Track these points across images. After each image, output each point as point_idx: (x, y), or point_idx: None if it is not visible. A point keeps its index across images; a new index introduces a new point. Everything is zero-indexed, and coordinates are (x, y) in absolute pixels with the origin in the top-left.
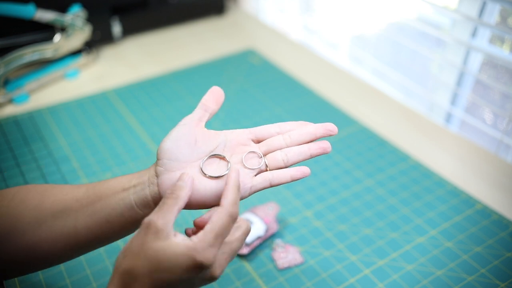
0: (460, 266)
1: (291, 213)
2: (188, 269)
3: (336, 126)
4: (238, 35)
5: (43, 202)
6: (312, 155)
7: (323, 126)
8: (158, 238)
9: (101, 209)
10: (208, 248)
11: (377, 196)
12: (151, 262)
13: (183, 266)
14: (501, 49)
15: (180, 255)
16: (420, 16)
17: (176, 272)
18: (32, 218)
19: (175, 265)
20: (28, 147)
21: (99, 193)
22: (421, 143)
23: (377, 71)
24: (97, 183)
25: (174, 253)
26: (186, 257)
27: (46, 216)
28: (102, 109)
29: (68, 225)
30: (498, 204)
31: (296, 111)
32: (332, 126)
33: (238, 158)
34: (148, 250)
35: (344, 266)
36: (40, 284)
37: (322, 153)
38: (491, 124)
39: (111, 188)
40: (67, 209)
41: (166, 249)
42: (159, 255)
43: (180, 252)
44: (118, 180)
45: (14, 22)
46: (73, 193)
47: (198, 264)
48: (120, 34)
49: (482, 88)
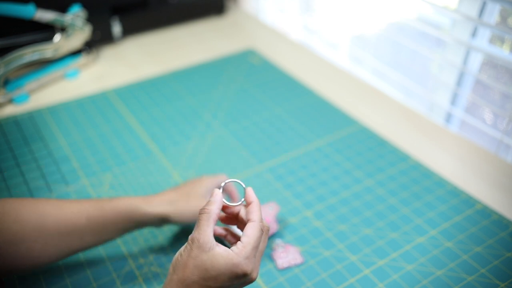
0: (460, 266)
1: (291, 213)
2: (231, 278)
3: None
4: (238, 35)
5: (45, 221)
6: None
7: None
8: (203, 250)
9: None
10: (247, 259)
11: (377, 196)
12: (200, 271)
13: (227, 275)
14: (501, 49)
15: (224, 265)
16: (420, 16)
17: (221, 279)
18: (34, 237)
19: (220, 274)
20: (28, 147)
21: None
22: (421, 143)
23: (377, 71)
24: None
25: (219, 263)
26: (230, 268)
27: (52, 236)
28: (102, 109)
29: (74, 243)
30: (498, 204)
31: (296, 111)
32: None
33: None
34: (196, 261)
35: (344, 266)
36: (40, 284)
37: None
38: (491, 124)
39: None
40: (75, 230)
41: (212, 260)
42: (207, 265)
43: (224, 263)
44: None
45: (14, 22)
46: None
47: (240, 274)
48: (120, 34)
49: (482, 88)
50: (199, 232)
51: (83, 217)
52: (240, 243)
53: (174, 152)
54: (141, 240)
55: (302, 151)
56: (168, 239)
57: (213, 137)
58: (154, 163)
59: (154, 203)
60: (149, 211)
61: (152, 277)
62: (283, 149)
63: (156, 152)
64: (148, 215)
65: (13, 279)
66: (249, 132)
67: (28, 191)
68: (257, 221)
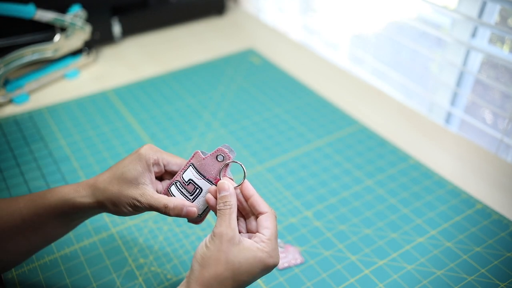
0: (460, 266)
1: (291, 213)
2: (263, 270)
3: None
4: (238, 35)
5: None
6: None
7: None
8: (233, 244)
9: (50, 226)
10: (275, 251)
11: (377, 196)
12: (234, 266)
13: (260, 268)
14: (501, 49)
15: (256, 260)
16: (420, 16)
17: (254, 273)
18: None
19: (252, 268)
20: (28, 147)
21: (38, 212)
22: (421, 143)
23: (377, 71)
24: (34, 198)
25: (251, 257)
26: (263, 262)
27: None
28: (102, 109)
29: (22, 244)
30: (498, 204)
31: (296, 111)
32: None
33: None
34: (228, 256)
35: (344, 266)
36: (40, 284)
37: None
38: (491, 124)
39: (49, 204)
40: (15, 232)
41: (244, 254)
42: (240, 260)
43: (256, 257)
44: (54, 195)
45: (14, 22)
46: (15, 212)
47: (271, 266)
48: (120, 34)
49: (482, 88)
50: (226, 226)
51: (18, 218)
52: (264, 236)
53: (174, 152)
54: (141, 240)
55: (302, 151)
56: (168, 239)
57: (213, 137)
58: None
59: (85, 192)
60: (81, 201)
61: (152, 277)
62: (283, 149)
63: None
64: (81, 206)
65: (14, 279)
66: (249, 132)
67: (28, 191)
68: (269, 211)
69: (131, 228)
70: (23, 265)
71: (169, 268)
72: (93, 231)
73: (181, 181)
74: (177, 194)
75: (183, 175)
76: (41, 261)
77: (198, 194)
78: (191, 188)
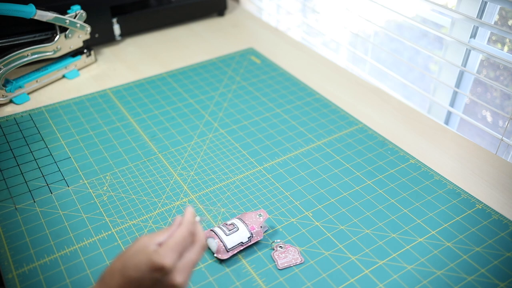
0: (460, 266)
1: (291, 213)
2: (150, 269)
3: None
4: (238, 35)
5: None
6: None
7: None
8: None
9: None
10: (168, 253)
11: (377, 196)
12: (124, 260)
13: (147, 265)
14: (501, 49)
15: (144, 255)
16: (420, 16)
17: (141, 269)
18: None
19: (139, 263)
20: (28, 147)
21: None
22: (421, 143)
23: (377, 71)
24: None
25: (139, 254)
26: (149, 258)
27: None
28: (102, 109)
29: None
30: (498, 204)
31: (297, 111)
32: None
33: None
34: (126, 253)
35: (344, 266)
36: (40, 284)
37: None
38: (491, 124)
39: None
40: None
41: (136, 251)
42: (130, 255)
43: (145, 253)
44: None
45: (14, 22)
46: None
47: (158, 265)
48: (120, 34)
49: (482, 88)
50: (151, 236)
51: None
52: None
53: (174, 152)
54: None
55: (302, 151)
56: None
57: (213, 137)
58: (154, 163)
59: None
60: None
61: None
62: (283, 149)
63: (156, 152)
64: None
65: (14, 279)
66: (249, 132)
67: (28, 191)
68: (184, 223)
69: (131, 228)
70: (23, 265)
71: None
72: (93, 231)
73: (224, 222)
74: (217, 230)
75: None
76: (41, 261)
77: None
78: (231, 227)
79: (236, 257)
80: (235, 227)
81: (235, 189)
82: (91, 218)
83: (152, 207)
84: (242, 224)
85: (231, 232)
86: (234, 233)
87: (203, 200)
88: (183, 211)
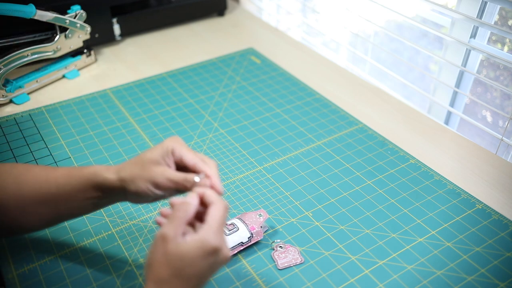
0: (460, 266)
1: (291, 213)
2: (205, 257)
3: None
4: (238, 35)
5: (23, 189)
6: None
7: None
8: (171, 243)
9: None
10: (215, 234)
11: (377, 196)
12: (175, 264)
13: (200, 256)
14: (501, 49)
15: (194, 248)
16: (420, 16)
17: (197, 263)
18: (13, 206)
19: (193, 258)
20: (28, 147)
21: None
22: (421, 143)
23: (377, 71)
24: (70, 170)
25: (189, 249)
26: (200, 248)
27: (27, 204)
28: (102, 109)
29: (50, 212)
30: (498, 204)
31: (296, 111)
32: None
33: None
34: (168, 256)
35: (344, 266)
36: (40, 284)
37: None
38: (491, 124)
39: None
40: (48, 199)
41: (182, 249)
42: (179, 255)
43: (193, 245)
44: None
45: (14, 22)
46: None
47: (211, 249)
48: (120, 34)
49: (482, 88)
50: (171, 228)
51: (53, 186)
52: (205, 224)
53: None
54: (141, 240)
55: (302, 151)
56: None
57: (213, 137)
58: None
59: (112, 170)
60: (108, 177)
61: None
62: (283, 149)
63: None
64: (108, 181)
65: (14, 279)
66: (249, 132)
67: None
68: (220, 200)
69: (131, 228)
70: (23, 265)
71: None
72: (93, 231)
73: None
74: None
75: None
76: (41, 261)
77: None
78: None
79: (236, 257)
80: (235, 227)
81: (235, 189)
82: (91, 218)
83: (152, 207)
84: (242, 224)
85: (231, 232)
86: (234, 233)
87: None
88: None
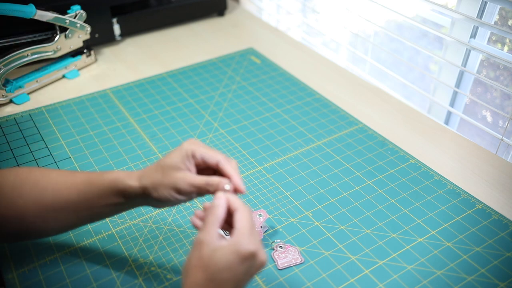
0: (460, 266)
1: (291, 213)
2: (241, 262)
3: None
4: (238, 35)
5: (43, 196)
6: None
7: None
8: (207, 248)
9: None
10: (249, 238)
11: (377, 196)
12: (210, 268)
13: (237, 261)
14: (501, 49)
15: (230, 253)
16: (420, 16)
17: (234, 268)
18: (32, 213)
19: (229, 263)
20: (28, 147)
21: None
22: (421, 143)
23: (377, 71)
24: (91, 176)
25: (225, 254)
26: (235, 253)
27: (48, 212)
28: (102, 109)
29: (71, 218)
30: (498, 204)
31: (297, 111)
32: None
33: None
34: (204, 260)
35: (344, 266)
36: (40, 284)
37: None
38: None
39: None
40: (68, 206)
41: (218, 254)
42: (215, 260)
43: (229, 251)
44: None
45: (14, 22)
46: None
47: (246, 255)
48: (120, 34)
49: (482, 88)
50: (206, 233)
51: (74, 193)
52: (235, 229)
53: None
54: (141, 240)
55: (302, 151)
56: (168, 239)
57: (213, 137)
58: None
59: (135, 177)
60: (130, 184)
61: (152, 277)
62: (283, 149)
63: (156, 152)
64: (131, 188)
65: (14, 279)
66: (249, 132)
67: None
68: (243, 205)
69: (131, 228)
70: (23, 265)
71: (169, 268)
72: (93, 231)
73: None
74: None
75: None
76: (41, 261)
77: None
78: None
79: None
80: None
81: None
82: None
83: (152, 207)
84: None
85: None
86: None
87: (203, 200)
88: (183, 211)
